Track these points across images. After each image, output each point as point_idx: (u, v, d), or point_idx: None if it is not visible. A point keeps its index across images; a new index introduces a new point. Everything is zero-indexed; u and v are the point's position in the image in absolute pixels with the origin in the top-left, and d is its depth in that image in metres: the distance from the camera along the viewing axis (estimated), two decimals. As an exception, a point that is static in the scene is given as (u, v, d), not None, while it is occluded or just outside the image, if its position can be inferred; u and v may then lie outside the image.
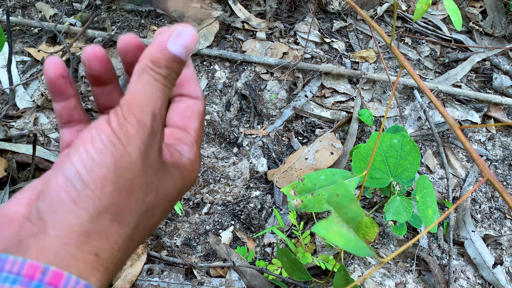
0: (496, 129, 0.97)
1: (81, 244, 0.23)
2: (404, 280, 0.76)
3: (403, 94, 0.98)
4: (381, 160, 0.60)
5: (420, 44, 1.08)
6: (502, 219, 0.86)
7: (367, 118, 0.89)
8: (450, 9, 0.65)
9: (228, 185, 0.83)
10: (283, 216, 0.81)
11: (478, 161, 0.31)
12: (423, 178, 0.65)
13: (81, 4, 1.03)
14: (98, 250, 0.24)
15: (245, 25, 1.03)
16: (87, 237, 0.23)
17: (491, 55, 1.05)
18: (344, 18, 1.09)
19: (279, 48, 1.00)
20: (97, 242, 0.24)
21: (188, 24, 0.28)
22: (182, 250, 0.76)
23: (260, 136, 0.90)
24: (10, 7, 1.02)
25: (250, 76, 0.96)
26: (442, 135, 0.95)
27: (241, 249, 0.76)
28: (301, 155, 0.86)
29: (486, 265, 0.79)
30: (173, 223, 0.78)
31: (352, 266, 0.77)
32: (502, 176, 0.91)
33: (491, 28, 1.10)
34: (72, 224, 0.23)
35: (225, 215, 0.81)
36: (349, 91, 0.97)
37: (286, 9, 1.09)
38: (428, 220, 0.61)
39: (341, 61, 1.01)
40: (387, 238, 0.81)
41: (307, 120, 0.93)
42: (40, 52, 0.94)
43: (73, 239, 0.23)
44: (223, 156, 0.86)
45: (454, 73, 1.01)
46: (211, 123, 0.89)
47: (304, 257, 0.71)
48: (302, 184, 0.49)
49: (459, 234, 0.83)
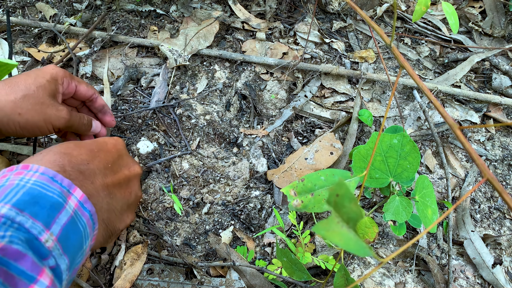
0: (495, 129, 0.97)
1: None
2: (403, 280, 0.77)
3: (403, 94, 0.98)
4: (381, 160, 0.60)
5: (420, 45, 1.08)
6: (502, 219, 0.87)
7: (367, 118, 0.89)
8: (448, 12, 0.65)
9: (228, 185, 0.83)
10: (283, 216, 0.81)
11: (477, 161, 0.32)
12: (423, 178, 0.65)
13: (81, 4, 1.04)
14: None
15: (245, 25, 1.03)
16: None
17: (490, 55, 1.05)
18: (344, 19, 1.09)
19: (279, 48, 1.00)
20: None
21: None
22: (182, 250, 0.76)
23: (260, 136, 0.90)
24: (10, 7, 1.02)
25: (250, 76, 0.96)
26: (442, 135, 0.95)
27: (241, 249, 0.76)
28: (300, 155, 0.86)
29: (486, 265, 0.79)
30: (173, 223, 0.78)
31: (351, 266, 0.77)
32: (501, 176, 0.91)
33: (491, 28, 1.10)
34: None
35: (225, 215, 0.81)
36: (348, 91, 0.97)
37: (286, 10, 1.09)
38: (428, 220, 0.61)
39: (340, 61, 1.01)
40: (387, 238, 0.81)
41: (307, 120, 0.93)
42: (40, 52, 0.94)
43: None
44: (223, 156, 0.86)
45: (454, 73, 1.01)
46: (211, 123, 0.89)
47: (304, 257, 0.71)
48: (302, 184, 0.49)
49: (458, 234, 0.83)
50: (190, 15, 1.03)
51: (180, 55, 0.93)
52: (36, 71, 0.62)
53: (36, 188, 0.38)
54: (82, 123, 0.67)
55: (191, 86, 0.94)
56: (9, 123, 0.56)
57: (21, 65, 0.92)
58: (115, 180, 0.51)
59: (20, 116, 0.56)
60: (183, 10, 1.05)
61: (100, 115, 0.76)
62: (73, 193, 0.41)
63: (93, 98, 0.73)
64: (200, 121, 0.89)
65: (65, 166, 0.44)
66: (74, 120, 0.64)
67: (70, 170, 0.44)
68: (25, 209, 0.35)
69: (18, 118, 0.56)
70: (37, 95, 0.58)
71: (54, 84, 0.62)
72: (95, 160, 0.49)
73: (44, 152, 0.46)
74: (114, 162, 0.52)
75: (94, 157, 0.49)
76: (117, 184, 0.51)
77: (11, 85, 0.57)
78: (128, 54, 0.97)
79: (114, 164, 0.52)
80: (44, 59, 0.92)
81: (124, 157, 0.55)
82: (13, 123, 0.56)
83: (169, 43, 0.95)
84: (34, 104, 0.58)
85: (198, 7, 1.05)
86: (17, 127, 0.57)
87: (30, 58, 0.94)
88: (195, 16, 1.02)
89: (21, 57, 0.94)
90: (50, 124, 0.59)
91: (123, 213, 0.52)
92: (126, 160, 0.56)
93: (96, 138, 0.56)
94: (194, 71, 0.96)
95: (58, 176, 0.41)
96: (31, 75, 0.61)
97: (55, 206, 0.38)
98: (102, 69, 0.94)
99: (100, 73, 0.93)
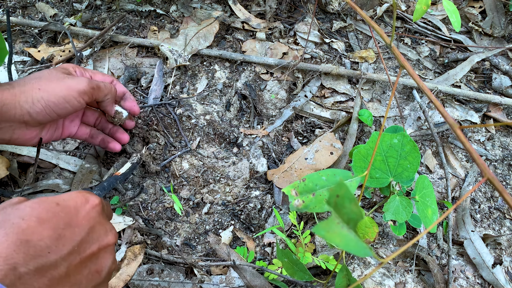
0: (495, 129, 0.97)
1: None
2: (403, 279, 0.77)
3: (403, 94, 0.98)
4: (381, 160, 0.60)
5: (420, 44, 1.08)
6: (502, 219, 0.87)
7: (367, 118, 0.89)
8: (449, 10, 0.65)
9: (228, 185, 0.83)
10: (283, 216, 0.81)
11: (478, 161, 0.32)
12: (423, 178, 0.65)
13: (81, 4, 1.03)
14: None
15: (245, 25, 1.03)
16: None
17: (490, 55, 1.05)
18: (344, 19, 1.09)
19: (279, 48, 1.00)
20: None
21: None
22: (182, 249, 0.76)
23: (260, 136, 0.90)
24: (10, 7, 1.02)
25: (250, 76, 0.96)
26: (442, 135, 0.95)
27: (241, 249, 0.76)
28: (301, 155, 0.86)
29: (486, 265, 0.79)
30: (173, 223, 0.78)
31: (351, 265, 0.77)
32: (501, 176, 0.91)
33: (491, 28, 1.10)
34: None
35: (225, 215, 0.81)
36: (348, 91, 0.97)
37: (286, 10, 1.09)
38: (428, 220, 0.61)
39: (340, 61, 1.01)
40: (387, 238, 0.81)
41: (307, 120, 0.93)
42: (40, 52, 0.94)
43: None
44: (223, 156, 0.86)
45: (454, 73, 1.01)
46: (211, 123, 0.89)
47: (304, 257, 0.71)
48: (303, 184, 0.49)
49: (458, 234, 0.83)
50: (190, 15, 1.03)
51: (180, 55, 0.93)
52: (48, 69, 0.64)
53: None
54: (105, 86, 0.66)
55: (191, 86, 0.94)
56: (34, 101, 0.56)
57: (21, 65, 0.92)
58: (81, 263, 0.42)
59: (41, 91, 0.56)
60: (183, 10, 1.05)
61: (122, 102, 0.75)
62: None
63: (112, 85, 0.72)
64: (200, 121, 0.89)
65: (18, 266, 0.36)
66: (96, 83, 0.63)
67: (23, 271, 0.36)
68: None
69: (41, 94, 0.56)
70: (52, 74, 0.60)
71: (67, 70, 0.64)
72: (59, 244, 0.40)
73: (0, 233, 0.37)
74: (83, 240, 0.43)
75: (59, 239, 0.40)
76: (84, 267, 0.43)
77: (30, 76, 0.60)
78: (128, 54, 0.97)
79: (83, 242, 0.43)
80: (44, 59, 0.92)
81: (96, 228, 0.45)
82: (37, 101, 0.56)
83: (169, 43, 0.95)
84: (52, 78, 0.59)
85: (198, 7, 1.05)
86: (43, 104, 0.56)
87: (30, 58, 0.94)
88: (195, 16, 1.02)
89: (21, 57, 0.94)
90: (74, 91, 0.59)
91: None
92: (98, 232, 0.45)
93: (69, 199, 0.45)
94: (194, 71, 0.96)
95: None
96: (44, 70, 0.62)
97: None
98: (102, 69, 0.94)
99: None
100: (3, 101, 0.54)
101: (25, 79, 0.59)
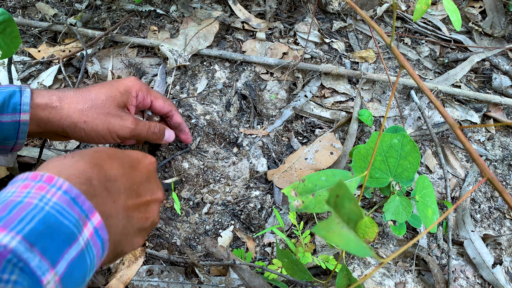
0: (495, 129, 0.97)
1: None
2: (403, 279, 0.77)
3: (403, 94, 0.98)
4: (381, 160, 0.60)
5: (420, 44, 1.08)
6: (502, 219, 0.87)
7: (367, 118, 0.89)
8: (450, 9, 0.65)
9: (228, 185, 0.83)
10: (283, 216, 0.81)
11: (478, 161, 0.32)
12: (423, 178, 0.65)
13: (81, 4, 1.03)
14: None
15: (245, 25, 1.03)
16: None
17: (490, 55, 1.05)
18: (344, 18, 1.09)
19: (279, 48, 1.00)
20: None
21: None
22: (182, 250, 0.76)
23: (260, 136, 0.90)
24: (10, 7, 1.02)
25: (250, 76, 0.96)
26: (442, 135, 0.95)
27: (238, 252, 0.76)
28: (300, 155, 0.86)
29: (486, 265, 0.79)
30: (173, 223, 0.78)
31: (351, 265, 0.77)
32: (501, 176, 0.91)
33: (491, 28, 1.10)
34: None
35: (225, 215, 0.81)
36: (348, 91, 0.97)
37: (286, 10, 1.09)
38: (428, 220, 0.61)
39: (340, 61, 1.01)
40: (387, 238, 0.81)
41: (307, 120, 0.93)
42: (40, 52, 0.94)
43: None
44: (223, 156, 0.86)
45: (454, 73, 1.01)
46: (211, 123, 0.89)
47: (304, 257, 0.71)
48: (303, 185, 0.49)
49: (458, 234, 0.83)
50: (190, 15, 1.03)
51: (180, 55, 0.93)
52: (113, 82, 0.66)
53: (53, 214, 0.36)
54: (152, 132, 0.68)
55: (191, 86, 0.94)
56: (76, 129, 0.60)
57: (21, 65, 0.92)
58: (136, 204, 0.48)
59: (85, 124, 0.60)
60: (183, 10, 1.05)
61: (176, 132, 0.78)
62: (91, 218, 0.39)
63: (169, 115, 0.74)
64: (200, 121, 0.89)
65: (92, 179, 0.42)
66: (142, 130, 0.66)
67: (96, 184, 0.42)
68: (36, 243, 0.34)
69: (84, 126, 0.60)
70: (104, 104, 0.62)
71: (126, 96, 0.65)
72: (124, 178, 0.47)
73: (77, 157, 0.44)
74: (141, 184, 0.50)
75: (124, 174, 0.47)
76: (136, 208, 0.49)
77: (83, 94, 0.62)
78: (128, 54, 0.97)
79: (140, 186, 0.49)
80: (44, 59, 0.92)
81: (152, 181, 0.53)
82: (79, 130, 0.60)
83: (169, 43, 0.95)
84: (100, 113, 0.61)
85: (198, 7, 1.05)
86: (82, 134, 0.61)
87: (30, 58, 0.94)
88: (195, 16, 1.02)
89: (21, 57, 0.94)
90: (114, 133, 0.62)
91: (134, 238, 0.50)
92: (152, 184, 0.53)
93: (131, 152, 0.52)
94: (194, 71, 0.96)
95: (80, 197, 0.39)
96: (106, 85, 0.64)
97: (68, 238, 0.36)
98: (104, 69, 0.94)
99: (102, 73, 0.93)
100: (48, 119, 0.59)
101: (78, 98, 0.61)
